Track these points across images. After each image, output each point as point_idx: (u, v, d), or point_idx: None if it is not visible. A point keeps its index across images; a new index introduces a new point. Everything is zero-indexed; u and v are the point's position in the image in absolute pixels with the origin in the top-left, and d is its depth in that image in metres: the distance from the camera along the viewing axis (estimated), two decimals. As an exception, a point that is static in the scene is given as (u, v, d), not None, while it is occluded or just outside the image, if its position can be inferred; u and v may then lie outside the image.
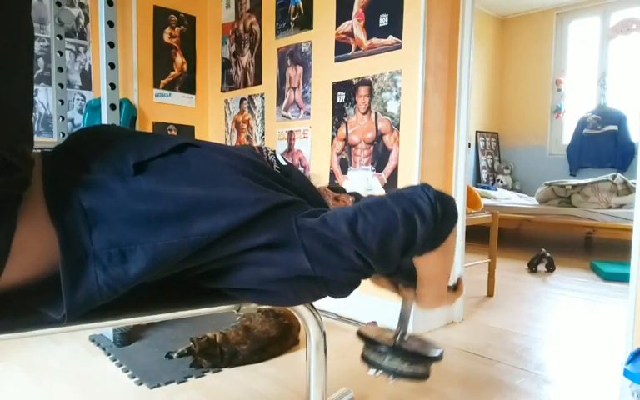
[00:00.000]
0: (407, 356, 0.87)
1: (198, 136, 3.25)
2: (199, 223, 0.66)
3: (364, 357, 0.90)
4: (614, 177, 4.15)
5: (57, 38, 2.57)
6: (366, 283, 1.78)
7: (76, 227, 0.62)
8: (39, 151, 0.74)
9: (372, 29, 2.19)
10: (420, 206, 0.72)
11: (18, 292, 0.65)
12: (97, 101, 2.63)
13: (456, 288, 0.94)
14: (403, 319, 0.93)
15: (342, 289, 0.75)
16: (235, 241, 0.68)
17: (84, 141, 0.76)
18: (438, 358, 0.91)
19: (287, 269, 0.71)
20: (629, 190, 4.08)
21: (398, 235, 0.71)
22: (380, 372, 0.88)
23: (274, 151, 0.92)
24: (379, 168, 2.17)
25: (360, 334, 0.94)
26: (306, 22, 2.53)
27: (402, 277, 0.92)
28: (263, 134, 2.86)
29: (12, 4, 0.59)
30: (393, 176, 2.11)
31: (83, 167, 0.69)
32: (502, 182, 5.70)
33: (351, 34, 2.29)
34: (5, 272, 0.61)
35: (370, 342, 0.90)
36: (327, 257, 0.70)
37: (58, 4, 2.55)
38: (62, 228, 0.62)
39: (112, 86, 1.86)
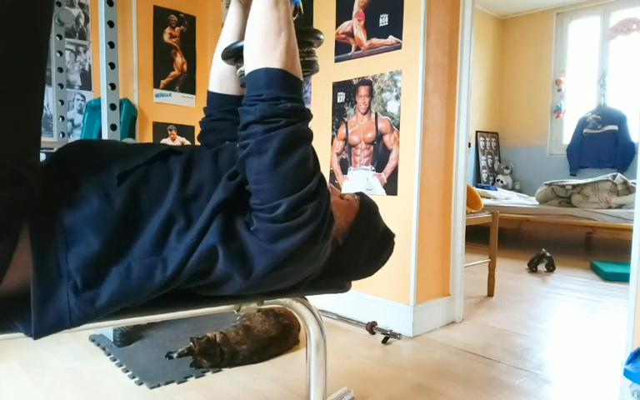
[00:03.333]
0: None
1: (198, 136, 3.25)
2: (171, 242, 0.68)
3: (241, 75, 0.88)
4: (614, 177, 4.15)
5: (57, 38, 2.57)
6: (366, 284, 1.77)
7: (53, 245, 0.62)
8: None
9: (372, 29, 2.19)
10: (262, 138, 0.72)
11: (7, 300, 0.65)
12: (97, 101, 2.63)
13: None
14: None
15: (322, 236, 0.76)
16: (198, 256, 0.69)
17: (72, 154, 0.77)
18: (314, 34, 0.92)
19: (263, 268, 0.72)
20: (629, 190, 4.08)
21: (303, 154, 0.73)
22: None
23: None
24: (379, 168, 2.17)
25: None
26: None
27: None
28: (263, 134, 2.85)
29: (34, 24, 0.59)
30: (393, 176, 2.11)
31: (69, 182, 0.69)
32: (502, 182, 5.71)
33: (351, 34, 2.29)
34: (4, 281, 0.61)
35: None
36: (287, 228, 0.71)
37: (58, 4, 2.55)
38: (38, 245, 0.62)
39: (112, 86, 1.86)
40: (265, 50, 0.74)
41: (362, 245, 0.92)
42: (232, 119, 0.99)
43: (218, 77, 1.01)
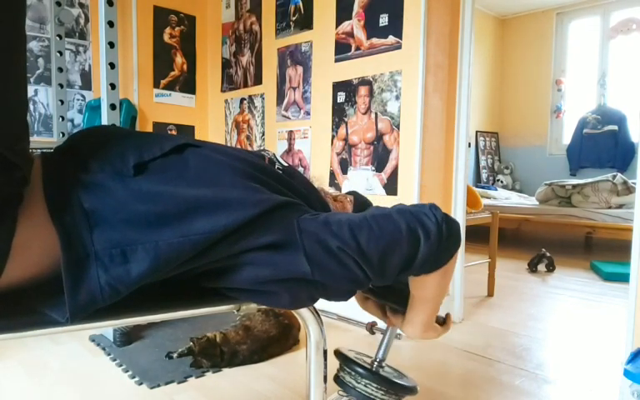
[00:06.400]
0: (382, 382, 0.85)
1: (198, 136, 3.25)
2: (200, 223, 0.66)
3: (338, 378, 0.88)
4: (614, 177, 4.15)
5: (57, 38, 2.57)
6: (366, 283, 1.75)
7: (77, 228, 0.62)
8: (39, 151, 0.74)
9: (372, 29, 2.19)
10: (425, 224, 0.72)
11: (20, 292, 0.65)
12: (97, 101, 2.63)
13: (444, 322, 0.92)
14: (385, 345, 0.91)
15: (339, 296, 0.76)
16: (236, 241, 0.68)
17: (84, 141, 0.76)
18: (412, 391, 0.88)
19: (287, 271, 0.71)
20: (629, 190, 4.08)
21: (401, 250, 0.71)
22: (353, 396, 0.86)
23: (274, 153, 0.93)
24: (379, 168, 2.17)
25: (338, 353, 0.92)
26: (306, 22, 2.53)
27: (392, 300, 0.90)
28: (263, 134, 2.86)
29: (6, 7, 0.59)
30: (393, 176, 2.11)
31: (83, 168, 0.69)
32: (502, 182, 5.70)
33: (351, 34, 2.29)
34: (6, 271, 0.61)
35: (347, 362, 0.88)
36: (328, 263, 0.70)
37: (58, 4, 2.55)
38: (63, 228, 0.62)
39: (112, 86, 1.86)
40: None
41: None
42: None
43: None
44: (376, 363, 0.90)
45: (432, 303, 0.84)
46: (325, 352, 0.98)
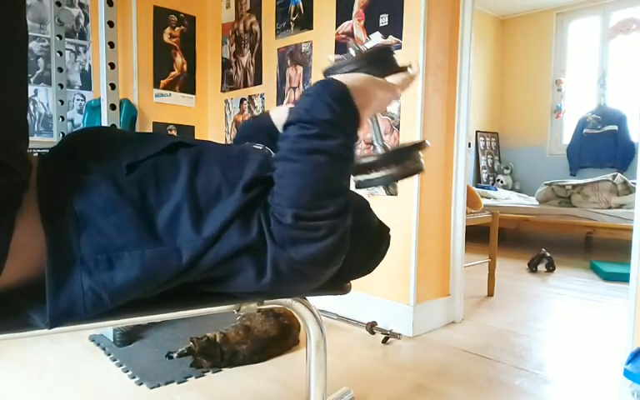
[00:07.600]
0: (392, 158, 0.85)
1: (198, 136, 3.25)
2: (185, 233, 0.67)
3: (358, 185, 0.87)
4: (614, 177, 4.15)
5: (57, 38, 2.58)
6: (366, 283, 1.76)
7: (65, 231, 0.62)
8: (36, 154, 0.74)
9: (372, 29, 2.19)
10: (315, 145, 0.70)
11: (14, 294, 0.65)
12: (97, 101, 2.63)
13: (403, 69, 0.90)
14: (376, 131, 0.92)
15: (332, 260, 0.74)
16: (221, 248, 0.68)
17: (80, 142, 0.76)
18: (422, 145, 0.88)
19: (271, 267, 0.71)
20: (629, 190, 4.08)
21: (329, 175, 0.71)
22: (378, 187, 0.86)
23: (266, 146, 0.93)
24: (379, 168, 2.17)
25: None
26: (306, 22, 2.53)
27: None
28: (263, 134, 2.86)
29: (6, 7, 0.59)
30: (393, 176, 2.11)
31: (78, 169, 0.68)
32: (502, 182, 5.70)
33: (351, 34, 2.29)
34: (4, 272, 0.61)
35: (357, 167, 0.87)
36: (297, 238, 0.70)
37: (58, 4, 2.55)
38: (52, 231, 0.61)
39: (112, 86, 1.86)
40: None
41: (357, 244, 0.91)
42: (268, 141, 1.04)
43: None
44: (380, 147, 0.89)
45: (373, 98, 0.84)
46: (325, 351, 0.98)
